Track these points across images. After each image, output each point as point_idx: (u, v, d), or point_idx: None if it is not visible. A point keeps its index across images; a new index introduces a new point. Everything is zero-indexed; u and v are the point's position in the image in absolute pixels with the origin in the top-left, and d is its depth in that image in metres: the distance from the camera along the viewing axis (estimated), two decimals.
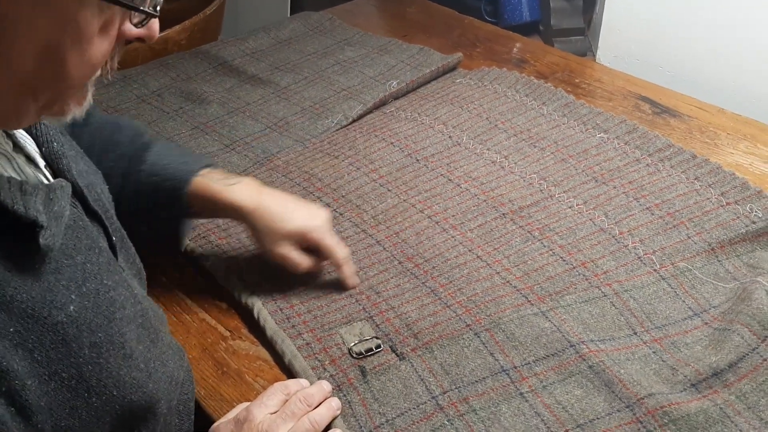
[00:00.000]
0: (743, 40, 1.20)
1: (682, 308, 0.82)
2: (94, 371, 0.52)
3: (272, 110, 1.21)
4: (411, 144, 1.09)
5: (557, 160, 1.05)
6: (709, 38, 1.25)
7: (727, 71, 1.24)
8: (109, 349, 0.53)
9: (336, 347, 0.79)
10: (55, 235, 0.50)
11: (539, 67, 1.32)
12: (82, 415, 0.51)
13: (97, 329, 0.53)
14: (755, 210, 0.93)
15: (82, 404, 0.51)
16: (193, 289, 0.89)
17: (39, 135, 0.58)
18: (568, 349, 0.77)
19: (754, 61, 1.20)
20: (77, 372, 0.51)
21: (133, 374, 0.55)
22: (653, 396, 0.71)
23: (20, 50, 0.45)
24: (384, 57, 1.34)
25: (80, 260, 0.53)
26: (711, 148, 1.09)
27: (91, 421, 0.52)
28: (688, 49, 1.28)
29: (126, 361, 0.55)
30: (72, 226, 0.54)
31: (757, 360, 0.74)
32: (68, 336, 0.50)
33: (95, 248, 0.56)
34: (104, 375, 0.53)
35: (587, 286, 0.85)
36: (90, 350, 0.52)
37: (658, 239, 0.90)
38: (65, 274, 0.52)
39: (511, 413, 0.72)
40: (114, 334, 0.54)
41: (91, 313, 0.52)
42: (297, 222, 0.82)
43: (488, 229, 0.93)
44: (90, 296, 0.53)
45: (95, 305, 0.53)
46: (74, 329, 0.51)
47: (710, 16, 1.23)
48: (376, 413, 0.72)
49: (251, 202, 0.82)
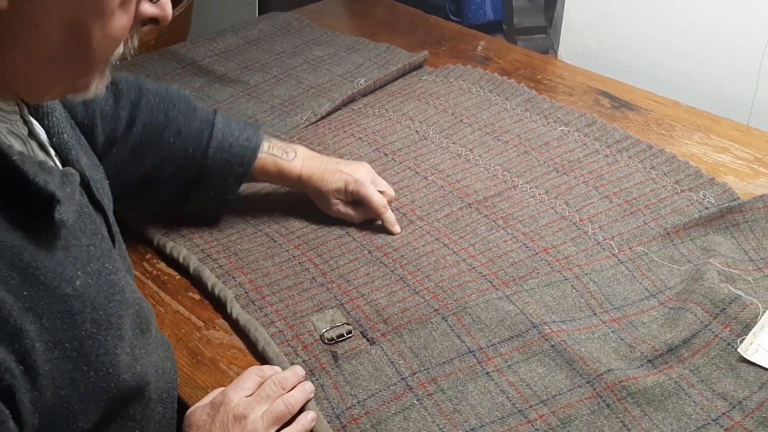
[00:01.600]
0: (698, 37, 1.25)
1: (639, 290, 0.86)
2: (93, 347, 0.54)
3: (242, 108, 1.23)
4: (379, 139, 1.12)
5: (520, 153, 1.08)
6: (665, 35, 1.30)
7: (682, 66, 1.29)
8: (107, 328, 0.55)
9: (308, 334, 0.81)
10: (69, 212, 0.52)
11: (503, 65, 1.36)
12: (80, 387, 0.53)
13: (99, 307, 0.55)
14: (708, 196, 0.97)
15: (81, 377, 0.53)
16: (166, 281, 0.91)
17: (51, 126, 0.60)
18: (531, 330, 0.80)
19: (708, 57, 1.26)
20: (79, 345, 0.53)
21: (124, 357, 0.57)
22: (612, 372, 0.75)
23: (46, 24, 0.47)
24: (352, 56, 1.37)
25: (85, 242, 0.56)
26: (667, 139, 1.13)
27: (87, 396, 0.54)
28: (646, 46, 1.33)
29: (120, 342, 0.57)
30: (78, 211, 0.56)
31: (709, 336, 0.78)
32: (73, 308, 0.52)
33: (98, 234, 0.58)
34: (102, 352, 0.55)
35: (549, 271, 0.88)
36: (91, 326, 0.54)
37: (616, 225, 0.94)
38: (72, 252, 0.54)
39: (478, 391, 0.75)
40: (112, 315, 0.56)
41: (94, 291, 0.54)
42: (339, 181, 0.92)
43: (454, 218, 0.96)
44: (93, 275, 0.55)
45: (98, 284, 0.55)
46: (79, 303, 0.53)
47: (666, 15, 1.28)
48: (347, 395, 0.74)
49: (306, 171, 0.93)
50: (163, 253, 0.94)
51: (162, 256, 0.94)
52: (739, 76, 1.22)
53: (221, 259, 0.91)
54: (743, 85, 1.22)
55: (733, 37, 1.21)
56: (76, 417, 0.53)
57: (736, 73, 1.23)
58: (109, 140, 0.85)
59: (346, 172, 0.93)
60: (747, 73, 1.21)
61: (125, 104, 0.86)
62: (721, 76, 1.25)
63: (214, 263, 0.91)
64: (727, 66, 1.24)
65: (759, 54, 1.18)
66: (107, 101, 0.85)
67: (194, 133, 0.88)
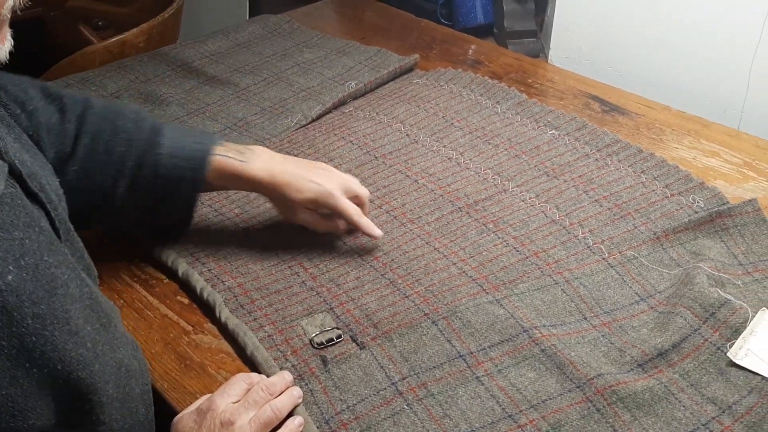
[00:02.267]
0: (688, 42, 1.26)
1: (629, 294, 0.86)
2: (38, 343, 0.52)
3: (232, 111, 1.22)
4: (369, 142, 1.12)
5: (510, 156, 1.08)
6: (655, 40, 1.30)
7: (672, 71, 1.30)
8: (53, 323, 0.54)
9: (297, 338, 0.81)
10: None
11: (493, 68, 1.36)
12: (23, 385, 0.52)
13: (39, 301, 0.53)
14: (697, 200, 0.98)
15: (23, 374, 0.52)
16: (154, 285, 0.90)
17: None
18: (522, 335, 0.80)
19: (698, 62, 1.26)
20: (19, 342, 0.51)
21: (79, 351, 0.56)
22: (602, 376, 0.75)
23: None
24: (342, 59, 1.37)
25: (18, 236, 0.54)
26: (657, 143, 1.14)
27: (33, 393, 0.52)
28: (636, 50, 1.34)
29: (72, 337, 0.55)
30: (9, 204, 0.54)
31: (699, 340, 0.78)
32: (8, 304, 0.50)
33: (35, 227, 0.56)
34: (48, 348, 0.53)
35: (539, 275, 0.88)
36: (33, 321, 0.52)
37: (606, 229, 0.94)
38: (2, 246, 0.52)
39: (468, 396, 0.74)
40: (57, 309, 0.55)
41: (31, 285, 0.53)
42: (309, 192, 0.88)
43: (445, 222, 0.96)
44: (29, 269, 0.53)
45: (35, 278, 0.53)
46: (14, 298, 0.51)
47: (656, 19, 1.28)
48: (337, 400, 0.74)
49: (266, 175, 0.88)
50: (151, 256, 0.93)
51: (150, 260, 0.94)
52: (729, 80, 1.23)
53: (210, 263, 0.91)
54: (733, 90, 1.22)
55: (723, 41, 1.21)
56: (24, 415, 0.52)
57: (726, 77, 1.23)
58: (60, 156, 0.82)
59: (317, 182, 0.88)
60: (737, 78, 1.22)
61: (71, 117, 0.83)
62: (711, 80, 1.26)
63: (203, 267, 0.90)
64: (717, 71, 1.24)
65: (749, 58, 1.19)
66: (52, 115, 0.82)
67: (144, 141, 0.85)
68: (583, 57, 1.41)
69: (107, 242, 0.97)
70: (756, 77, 1.19)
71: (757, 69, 1.19)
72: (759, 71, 1.19)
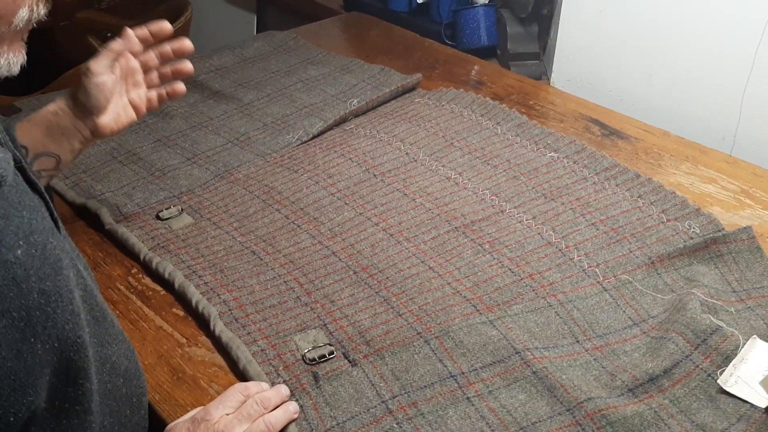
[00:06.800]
0: (688, 68, 1.27)
1: (622, 318, 0.86)
2: (41, 318, 0.53)
3: (234, 125, 1.23)
4: (369, 160, 1.13)
5: (509, 177, 1.09)
6: (656, 66, 1.31)
7: (672, 96, 1.31)
8: (57, 300, 0.54)
9: (290, 353, 0.81)
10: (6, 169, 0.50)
11: (495, 89, 1.37)
12: (27, 360, 0.52)
13: (46, 278, 0.53)
14: (693, 226, 0.98)
15: (28, 349, 0.52)
16: (150, 296, 0.91)
17: None
18: (514, 356, 0.80)
19: (697, 88, 1.27)
20: (26, 314, 0.51)
21: (78, 333, 0.56)
22: (592, 400, 0.75)
23: None
24: (346, 76, 1.38)
25: (26, 215, 0.54)
26: (655, 168, 1.14)
27: (35, 368, 0.53)
28: (637, 76, 1.35)
29: (73, 317, 0.56)
30: (16, 187, 0.55)
31: (690, 366, 0.78)
32: (18, 276, 0.51)
33: (39, 211, 0.57)
34: (50, 324, 0.53)
35: (534, 297, 0.88)
36: (39, 296, 0.52)
37: (602, 253, 0.95)
38: (14, 221, 0.52)
39: (458, 417, 0.74)
40: (62, 287, 0.55)
41: (38, 261, 0.53)
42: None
43: (441, 241, 0.97)
44: (38, 247, 0.53)
45: (42, 255, 0.54)
46: (22, 271, 0.51)
47: (657, 46, 1.29)
48: (327, 417, 0.74)
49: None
50: (149, 268, 0.94)
51: (147, 271, 0.94)
52: (725, 106, 1.24)
53: (207, 276, 0.91)
54: (729, 116, 1.23)
55: (719, 68, 1.22)
56: (24, 391, 0.52)
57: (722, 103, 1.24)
58: None
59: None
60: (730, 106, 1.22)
61: None
62: (709, 106, 1.26)
63: (200, 279, 0.91)
64: (714, 97, 1.25)
65: (741, 86, 1.20)
66: None
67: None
68: (585, 81, 1.42)
69: (104, 252, 0.98)
70: (748, 105, 1.20)
71: (749, 95, 1.20)
72: (751, 98, 1.20)
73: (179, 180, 1.09)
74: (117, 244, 0.99)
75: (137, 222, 1.01)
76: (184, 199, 1.05)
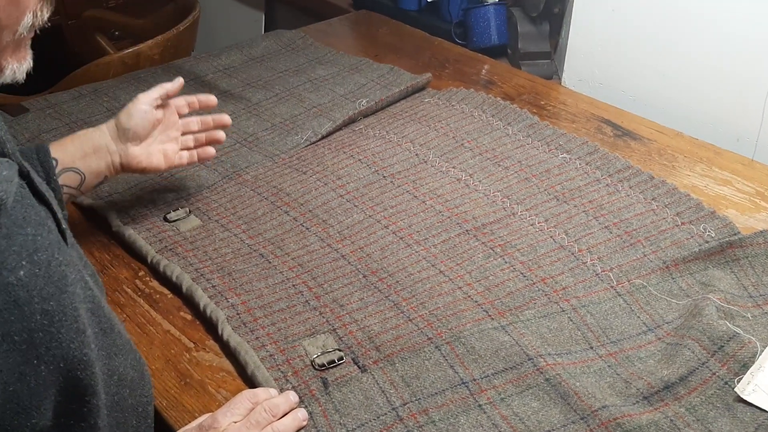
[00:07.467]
0: (702, 68, 1.25)
1: (636, 324, 0.84)
2: (44, 339, 0.52)
3: (243, 126, 1.22)
4: (378, 161, 1.11)
5: (520, 179, 1.07)
6: (669, 66, 1.29)
7: (686, 97, 1.29)
8: (61, 320, 0.53)
9: (299, 359, 0.80)
10: (8, 191, 0.50)
11: (506, 89, 1.36)
12: (30, 383, 0.51)
13: (49, 297, 0.53)
14: (708, 230, 0.96)
15: (31, 371, 0.51)
16: (158, 300, 0.90)
17: None
18: (526, 363, 0.79)
19: (712, 89, 1.25)
20: (29, 337, 0.51)
21: (84, 351, 0.55)
22: (607, 408, 0.73)
23: None
24: (355, 76, 1.37)
25: (31, 232, 0.53)
26: (669, 170, 1.12)
27: (38, 391, 0.52)
28: (650, 76, 1.33)
29: (78, 335, 0.55)
30: (20, 202, 0.54)
31: (707, 374, 0.77)
32: (20, 298, 0.50)
33: (45, 225, 0.56)
34: (54, 345, 0.53)
35: (546, 302, 0.87)
36: (42, 317, 0.52)
37: (615, 257, 0.93)
38: (16, 241, 0.52)
39: (470, 424, 0.73)
40: (66, 306, 0.54)
41: (42, 281, 0.52)
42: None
43: (451, 245, 0.95)
44: (42, 265, 0.53)
45: (47, 274, 0.53)
46: (25, 293, 0.51)
47: (671, 45, 1.27)
48: (336, 424, 0.73)
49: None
50: (156, 270, 0.93)
51: (155, 274, 0.93)
52: (743, 108, 1.22)
53: (215, 279, 0.90)
54: (748, 118, 1.21)
55: (737, 69, 1.20)
56: (28, 413, 0.52)
57: (740, 105, 1.22)
58: None
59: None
60: (752, 106, 1.20)
61: None
62: (725, 107, 1.24)
63: (208, 283, 0.90)
64: (731, 98, 1.23)
65: (764, 87, 1.18)
66: None
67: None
68: (597, 80, 1.40)
69: (111, 254, 0.97)
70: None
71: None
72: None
73: (187, 181, 1.09)
74: (124, 246, 0.98)
75: (145, 224, 1.00)
76: (191, 201, 1.05)
